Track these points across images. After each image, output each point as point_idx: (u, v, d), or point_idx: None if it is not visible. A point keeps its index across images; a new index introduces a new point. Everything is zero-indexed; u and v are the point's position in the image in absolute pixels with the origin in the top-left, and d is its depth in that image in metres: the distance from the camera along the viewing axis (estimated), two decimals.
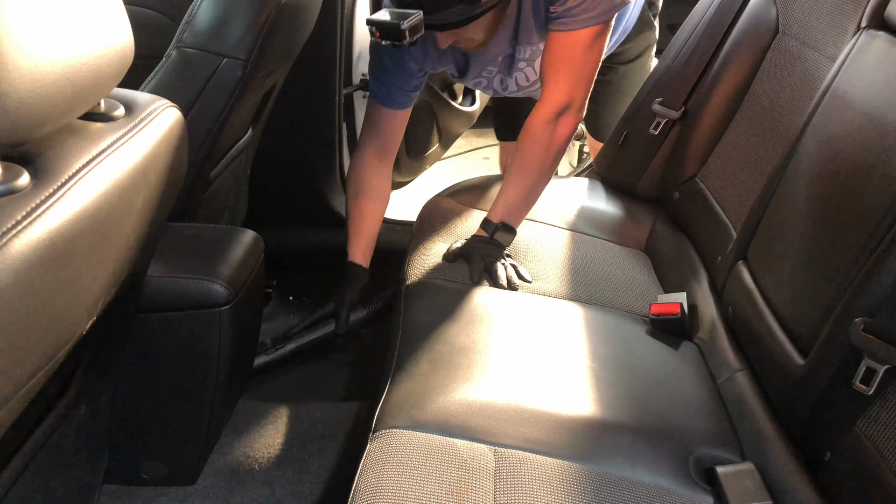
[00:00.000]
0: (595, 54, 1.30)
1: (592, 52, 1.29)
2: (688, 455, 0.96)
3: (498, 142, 2.13)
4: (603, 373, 1.08)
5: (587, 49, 1.28)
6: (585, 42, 1.27)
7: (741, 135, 1.39)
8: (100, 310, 0.70)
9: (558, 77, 1.31)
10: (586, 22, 1.25)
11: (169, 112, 0.76)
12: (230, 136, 1.35)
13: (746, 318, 1.11)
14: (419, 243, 1.43)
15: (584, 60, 1.29)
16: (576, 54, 1.28)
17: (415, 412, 0.96)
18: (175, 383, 1.14)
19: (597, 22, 1.25)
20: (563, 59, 1.29)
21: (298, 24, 1.37)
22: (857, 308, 0.83)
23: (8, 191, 0.53)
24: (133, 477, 1.24)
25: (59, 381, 0.83)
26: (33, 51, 0.50)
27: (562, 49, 1.29)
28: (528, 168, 1.37)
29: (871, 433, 0.81)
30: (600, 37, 1.28)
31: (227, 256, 1.13)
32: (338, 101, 1.86)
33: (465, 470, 0.87)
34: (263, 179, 1.80)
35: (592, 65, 1.31)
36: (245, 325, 1.19)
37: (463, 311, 1.19)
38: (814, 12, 1.25)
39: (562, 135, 1.33)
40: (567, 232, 1.53)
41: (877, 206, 0.86)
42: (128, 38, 0.65)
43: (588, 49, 1.28)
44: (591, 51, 1.28)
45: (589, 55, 1.29)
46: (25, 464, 0.77)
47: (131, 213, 0.70)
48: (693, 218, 1.47)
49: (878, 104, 0.93)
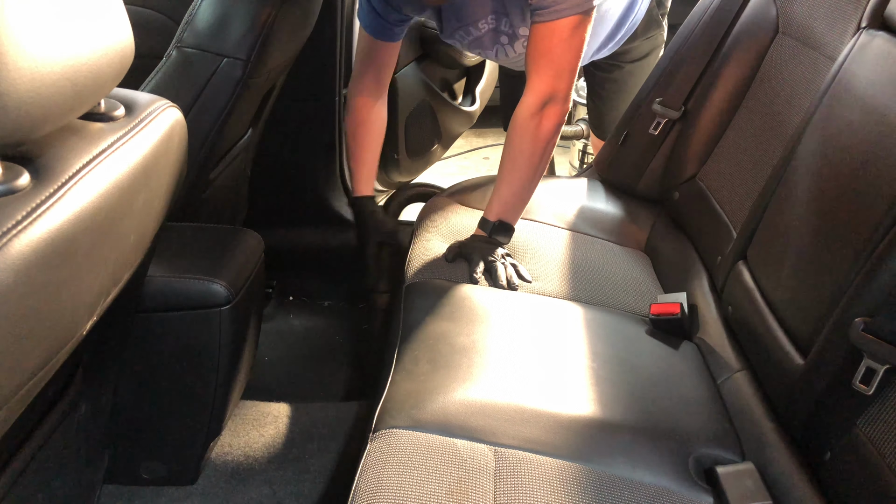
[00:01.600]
0: (576, 44, 1.30)
1: (573, 43, 1.30)
2: (688, 455, 0.96)
3: (504, 133, 2.11)
4: (603, 373, 1.08)
5: (567, 39, 1.29)
6: (564, 32, 1.28)
7: (741, 135, 1.39)
8: (100, 310, 0.70)
9: (540, 68, 1.32)
10: (564, 12, 1.26)
11: (169, 112, 0.76)
12: (230, 137, 1.35)
13: (746, 318, 1.11)
14: (419, 243, 1.43)
15: (565, 51, 1.30)
16: (555, 45, 1.29)
17: (415, 412, 0.96)
18: (175, 383, 1.14)
19: (575, 12, 1.26)
20: (543, 51, 1.31)
21: (298, 24, 1.37)
22: (857, 308, 0.83)
23: (8, 191, 0.53)
24: (133, 477, 1.24)
25: (59, 381, 0.83)
26: (33, 51, 0.50)
27: (542, 40, 1.30)
28: (518, 162, 1.37)
29: (871, 433, 0.81)
30: (579, 27, 1.29)
31: (228, 256, 1.13)
32: (338, 102, 1.86)
33: (465, 470, 0.87)
34: (263, 179, 1.80)
35: (573, 55, 1.31)
36: (245, 325, 1.19)
37: (463, 311, 1.19)
38: (814, 12, 1.26)
39: (548, 126, 1.33)
40: (567, 232, 1.53)
41: (877, 206, 0.86)
42: (128, 38, 0.65)
43: (568, 39, 1.29)
44: (571, 41, 1.29)
45: (569, 45, 1.30)
46: (26, 463, 0.77)
47: (131, 213, 0.70)
48: (693, 218, 1.47)
49: (879, 104, 0.93)
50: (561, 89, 1.32)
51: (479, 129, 3.15)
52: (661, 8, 1.70)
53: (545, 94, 1.32)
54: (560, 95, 1.33)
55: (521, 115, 1.34)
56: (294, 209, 1.97)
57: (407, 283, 1.32)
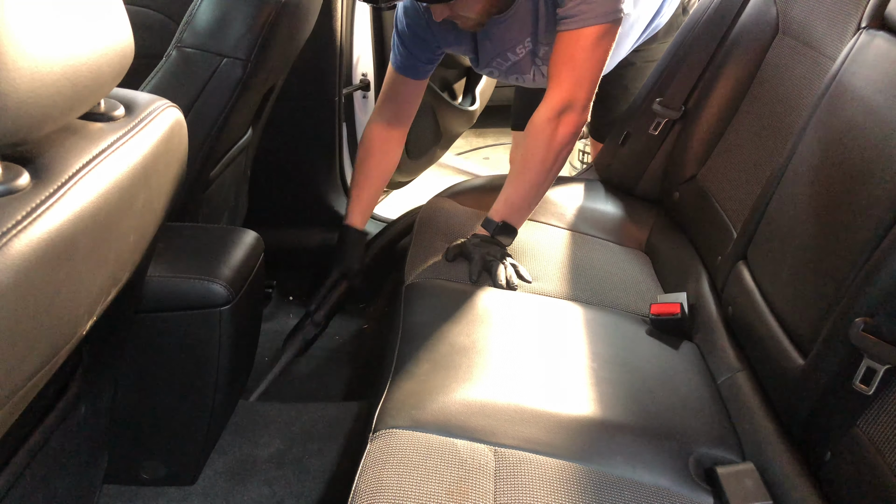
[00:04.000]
0: (599, 54, 1.30)
1: (596, 52, 1.29)
2: (688, 455, 0.96)
3: (511, 132, 2.10)
4: (603, 373, 1.08)
5: (590, 49, 1.28)
6: (588, 42, 1.27)
7: (741, 135, 1.39)
8: (100, 310, 0.70)
9: (561, 76, 1.31)
10: (588, 21, 1.25)
11: (169, 112, 0.76)
12: (230, 136, 1.35)
13: (746, 318, 1.11)
14: (419, 243, 1.43)
15: (587, 59, 1.29)
16: (577, 53, 1.29)
17: (415, 412, 0.96)
18: (175, 383, 1.14)
19: (599, 22, 1.26)
20: (565, 59, 1.30)
21: (298, 24, 1.37)
22: (857, 308, 0.83)
23: (8, 191, 0.53)
24: (133, 477, 1.24)
25: (59, 382, 0.83)
26: (33, 51, 0.50)
27: (565, 48, 1.30)
28: (530, 165, 1.37)
29: (871, 433, 0.81)
30: (604, 37, 1.28)
31: (227, 256, 1.13)
32: (338, 101, 1.86)
33: (465, 470, 0.87)
34: (263, 179, 1.80)
35: (595, 64, 1.31)
36: (245, 325, 1.19)
37: (463, 311, 1.19)
38: (814, 12, 1.26)
39: (563, 133, 1.33)
40: (567, 232, 1.53)
41: (877, 206, 0.86)
42: (128, 38, 0.65)
43: (591, 48, 1.28)
44: (594, 50, 1.29)
45: (592, 54, 1.29)
46: (26, 464, 0.77)
47: (131, 213, 0.70)
48: (693, 218, 1.47)
49: (879, 103, 0.93)
50: (580, 98, 1.32)
51: (479, 129, 3.15)
52: (685, 14, 1.70)
53: (563, 102, 1.32)
54: (579, 104, 1.32)
55: (537, 119, 1.34)
56: (294, 209, 1.97)
57: (407, 283, 1.32)
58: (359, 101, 2.02)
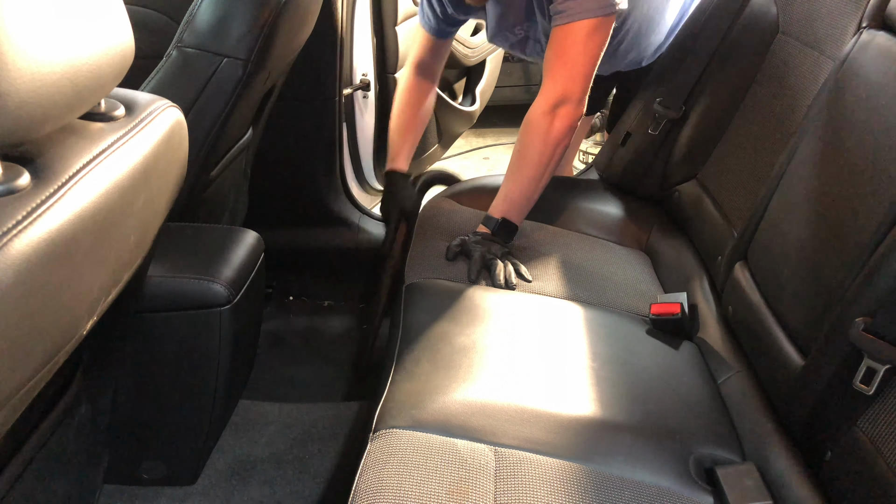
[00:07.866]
0: (591, 48, 1.30)
1: (588, 46, 1.30)
2: (688, 455, 0.96)
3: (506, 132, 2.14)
4: (603, 373, 1.08)
5: (582, 42, 1.29)
6: (580, 36, 1.28)
7: (741, 135, 1.39)
8: (100, 310, 0.70)
9: (555, 70, 1.33)
10: (580, 15, 1.27)
11: (169, 112, 0.76)
12: (230, 136, 1.35)
13: (746, 319, 1.11)
14: (419, 243, 1.43)
15: (579, 54, 1.30)
16: (570, 47, 1.30)
17: (415, 412, 0.96)
18: (175, 383, 1.14)
19: (591, 16, 1.27)
20: (559, 53, 1.31)
21: (298, 24, 1.37)
22: (857, 308, 0.83)
23: (8, 191, 0.53)
24: (133, 477, 1.24)
25: (59, 382, 0.83)
26: (33, 51, 0.50)
27: (559, 42, 1.31)
28: (527, 160, 1.38)
29: (871, 433, 0.81)
30: (597, 31, 1.29)
31: (228, 256, 1.13)
32: (338, 101, 1.86)
33: (466, 470, 0.87)
34: (263, 179, 1.80)
35: (589, 58, 1.31)
36: (245, 325, 1.19)
37: (463, 311, 1.19)
38: (814, 12, 1.25)
39: (559, 127, 1.33)
40: (567, 232, 1.53)
41: (877, 206, 0.86)
42: (128, 38, 0.65)
43: (583, 42, 1.29)
44: (586, 44, 1.29)
45: (584, 49, 1.30)
46: (26, 464, 0.77)
47: (131, 213, 0.70)
48: (693, 218, 1.47)
49: (879, 103, 0.93)
50: (574, 92, 1.32)
51: (479, 129, 3.15)
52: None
53: (558, 96, 1.32)
54: (573, 98, 1.33)
55: (533, 113, 1.36)
56: (294, 209, 1.97)
57: (407, 283, 1.32)
58: (359, 101, 2.02)
